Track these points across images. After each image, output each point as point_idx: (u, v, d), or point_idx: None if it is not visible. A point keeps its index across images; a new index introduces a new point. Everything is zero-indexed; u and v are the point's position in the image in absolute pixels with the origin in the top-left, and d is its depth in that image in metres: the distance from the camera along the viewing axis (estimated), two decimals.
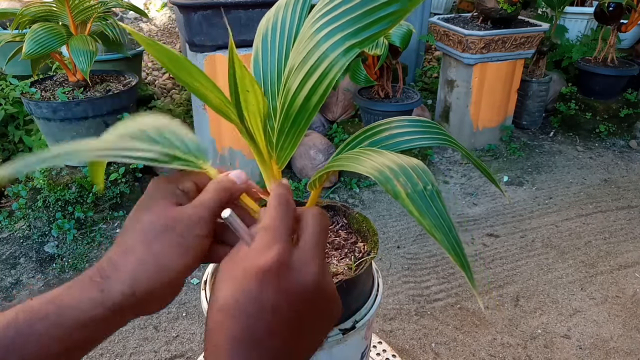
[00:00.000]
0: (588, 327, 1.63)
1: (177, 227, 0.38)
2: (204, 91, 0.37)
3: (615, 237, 2.09)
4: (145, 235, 0.37)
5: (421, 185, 0.37)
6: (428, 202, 0.37)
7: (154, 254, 0.37)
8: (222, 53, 1.96)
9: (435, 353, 1.51)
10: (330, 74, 0.42)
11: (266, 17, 0.58)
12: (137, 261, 0.36)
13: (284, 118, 0.46)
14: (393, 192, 0.37)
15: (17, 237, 2.00)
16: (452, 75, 2.71)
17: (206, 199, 0.40)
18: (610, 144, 2.93)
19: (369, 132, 0.54)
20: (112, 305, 0.35)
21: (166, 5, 4.33)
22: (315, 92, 0.43)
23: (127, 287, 0.36)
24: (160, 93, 3.15)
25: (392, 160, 0.40)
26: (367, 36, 0.40)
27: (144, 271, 0.36)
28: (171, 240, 0.37)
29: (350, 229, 0.80)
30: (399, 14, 0.39)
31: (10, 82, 2.28)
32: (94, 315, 0.35)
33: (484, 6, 2.53)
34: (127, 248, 0.37)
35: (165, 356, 1.48)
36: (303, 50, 0.44)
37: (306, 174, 2.35)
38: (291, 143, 0.47)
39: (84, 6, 1.90)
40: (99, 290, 0.35)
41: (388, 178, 0.37)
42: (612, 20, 2.81)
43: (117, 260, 0.37)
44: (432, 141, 0.53)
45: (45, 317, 0.34)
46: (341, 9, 0.42)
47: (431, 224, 0.36)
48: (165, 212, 0.38)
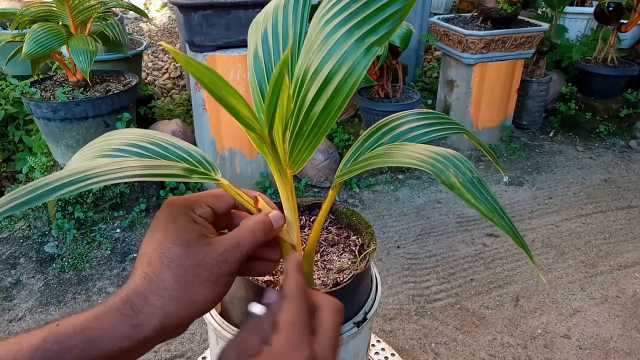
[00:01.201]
0: (588, 327, 1.63)
1: (207, 265, 0.38)
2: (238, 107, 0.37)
3: (615, 237, 2.09)
4: (176, 271, 0.37)
5: (469, 174, 0.38)
6: (479, 189, 0.38)
7: (184, 290, 0.36)
8: (222, 53, 1.96)
9: (435, 353, 1.51)
10: (354, 75, 0.41)
11: (263, 16, 0.57)
12: (169, 297, 0.36)
13: (302, 122, 0.45)
14: (449, 183, 0.37)
15: (17, 237, 2.00)
16: (452, 75, 2.71)
17: (240, 241, 0.40)
18: (610, 144, 2.93)
19: (385, 128, 0.53)
20: (143, 339, 0.35)
21: (166, 5, 4.33)
22: (338, 94, 0.42)
23: (158, 322, 0.36)
24: (160, 93, 3.15)
25: (432, 151, 0.40)
26: (384, 32, 0.40)
27: (175, 307, 0.36)
28: (201, 276, 0.37)
29: (339, 223, 0.80)
30: (405, 10, 0.40)
31: (10, 82, 2.28)
32: (122, 348, 0.35)
33: (484, 6, 2.53)
34: (158, 282, 0.37)
35: (165, 356, 1.48)
36: (319, 52, 0.44)
37: (306, 174, 2.35)
38: (310, 147, 0.47)
39: (84, 6, 1.90)
40: (130, 325, 0.35)
41: (440, 170, 0.38)
42: (612, 20, 2.81)
43: (149, 295, 0.36)
44: (448, 131, 0.53)
45: (73, 348, 0.33)
46: (352, 9, 0.42)
47: (487, 209, 0.37)
48: (195, 246, 0.38)
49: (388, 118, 0.55)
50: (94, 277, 1.81)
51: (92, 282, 1.79)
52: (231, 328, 0.69)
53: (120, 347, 0.35)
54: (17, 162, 2.29)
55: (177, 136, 2.52)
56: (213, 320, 0.70)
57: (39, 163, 2.08)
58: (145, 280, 0.37)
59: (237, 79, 2.03)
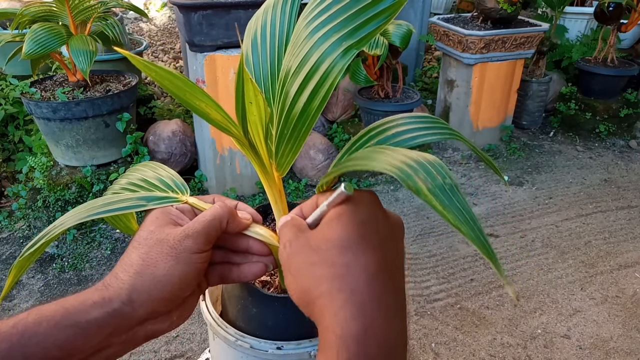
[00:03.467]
0: (588, 327, 1.63)
1: (169, 240, 0.40)
2: (207, 110, 0.37)
3: (615, 237, 2.09)
4: (141, 250, 0.40)
5: (440, 179, 0.37)
6: (449, 195, 0.36)
7: (147, 265, 0.39)
8: (222, 53, 1.96)
9: (435, 353, 1.51)
10: (331, 77, 0.41)
11: (254, 18, 0.57)
12: (134, 272, 0.39)
13: (284, 124, 0.46)
14: (415, 189, 0.36)
15: (17, 237, 2.00)
16: (452, 75, 2.71)
17: (200, 216, 0.43)
18: (610, 144, 2.93)
19: (374, 131, 0.53)
20: (112, 312, 0.37)
21: (166, 5, 4.33)
22: (316, 95, 0.42)
23: (125, 295, 0.38)
24: (160, 93, 3.15)
25: (407, 156, 0.39)
26: (363, 35, 0.40)
27: (141, 281, 0.39)
28: (162, 252, 0.40)
29: None
30: (392, 10, 0.39)
31: (10, 82, 2.28)
32: (93, 318, 0.36)
33: (484, 6, 2.53)
34: (125, 260, 0.40)
35: (165, 356, 1.48)
36: (299, 53, 0.44)
37: (306, 174, 2.35)
38: (292, 149, 0.47)
39: (84, 6, 1.90)
40: (100, 296, 0.38)
41: (408, 174, 0.37)
42: (612, 20, 2.81)
43: (118, 272, 0.40)
44: (438, 136, 0.52)
45: (51, 318, 0.36)
46: (334, 9, 0.42)
47: (455, 217, 0.35)
48: (160, 229, 0.41)
49: (379, 122, 0.55)
50: (94, 277, 1.81)
51: (92, 282, 1.79)
52: (230, 328, 0.69)
53: (91, 319, 0.36)
54: (17, 162, 2.29)
55: (177, 136, 2.49)
56: (212, 320, 0.70)
57: (39, 163, 2.08)
58: (119, 262, 0.41)
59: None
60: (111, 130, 2.06)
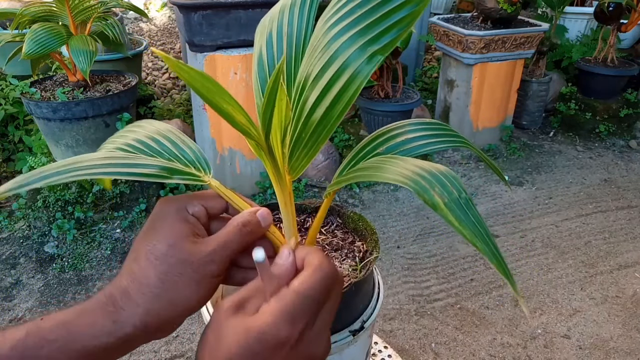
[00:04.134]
0: (588, 327, 1.63)
1: (193, 264, 0.37)
2: (233, 113, 0.36)
3: (615, 237, 2.09)
4: (160, 269, 0.36)
5: (456, 193, 0.36)
6: (465, 210, 0.36)
7: (167, 289, 0.36)
8: (222, 53, 1.96)
9: (435, 353, 1.51)
10: (355, 83, 0.40)
11: (269, 17, 0.56)
12: (151, 295, 0.36)
13: (302, 128, 0.45)
14: (432, 203, 0.35)
15: (17, 237, 2.00)
16: (452, 75, 2.71)
17: (228, 240, 0.39)
18: (610, 144, 2.93)
19: (383, 137, 0.52)
20: (124, 336, 0.35)
21: (166, 5, 4.33)
22: (339, 101, 0.41)
23: (139, 320, 0.35)
24: (160, 93, 3.15)
25: (420, 167, 0.39)
26: (387, 41, 0.39)
27: (158, 306, 0.36)
28: (184, 274, 0.36)
29: (346, 228, 0.79)
30: (414, 14, 0.39)
31: (10, 82, 2.28)
32: (102, 344, 0.35)
33: (484, 6, 2.53)
34: (141, 279, 0.36)
35: (165, 356, 1.48)
36: (321, 57, 0.43)
37: (306, 174, 2.35)
38: (308, 154, 0.46)
39: (84, 6, 1.90)
40: (111, 320, 0.35)
41: (424, 188, 0.36)
42: (612, 20, 2.81)
43: (131, 292, 0.36)
44: (448, 144, 0.51)
45: (54, 341, 0.33)
46: (358, 13, 0.41)
47: (471, 233, 0.35)
48: (181, 245, 0.37)
49: (388, 127, 0.53)
50: (94, 277, 1.81)
51: (92, 282, 1.79)
52: None
53: (101, 343, 0.34)
54: (17, 162, 2.29)
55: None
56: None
57: (39, 163, 2.07)
58: (129, 277, 0.37)
59: (237, 79, 2.03)
60: (111, 130, 2.06)
